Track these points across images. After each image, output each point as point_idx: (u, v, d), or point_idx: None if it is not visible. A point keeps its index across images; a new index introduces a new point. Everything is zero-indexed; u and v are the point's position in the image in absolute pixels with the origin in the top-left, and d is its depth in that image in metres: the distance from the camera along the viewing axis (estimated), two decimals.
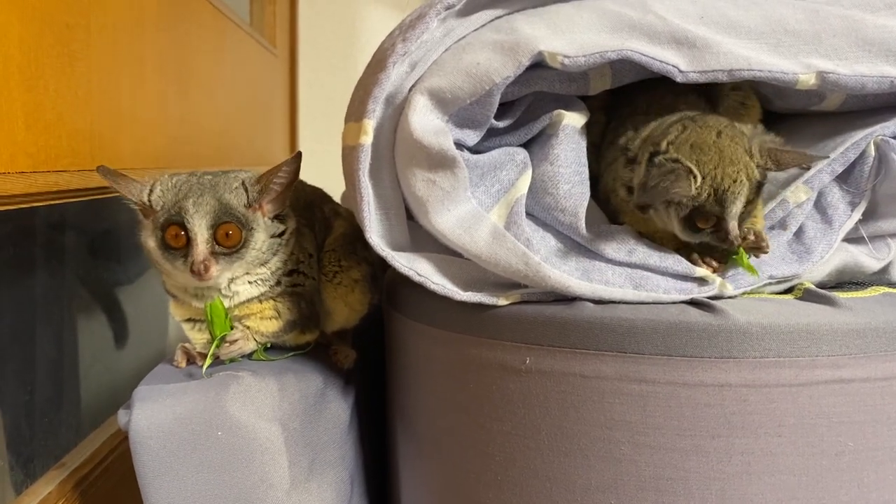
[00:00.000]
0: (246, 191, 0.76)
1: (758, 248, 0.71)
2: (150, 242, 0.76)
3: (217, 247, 0.74)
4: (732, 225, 0.69)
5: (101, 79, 0.89)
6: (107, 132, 0.91)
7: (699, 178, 0.69)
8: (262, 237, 0.77)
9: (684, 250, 0.74)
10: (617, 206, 0.79)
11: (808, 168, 0.73)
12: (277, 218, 0.80)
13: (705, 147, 0.70)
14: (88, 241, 1.18)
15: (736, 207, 0.69)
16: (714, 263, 0.73)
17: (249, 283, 0.80)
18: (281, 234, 0.80)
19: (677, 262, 0.71)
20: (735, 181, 0.69)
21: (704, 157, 0.70)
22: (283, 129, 2.14)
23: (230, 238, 0.75)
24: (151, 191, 0.76)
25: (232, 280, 0.79)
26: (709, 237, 0.71)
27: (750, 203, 0.70)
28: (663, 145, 0.72)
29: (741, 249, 0.72)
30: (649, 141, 0.74)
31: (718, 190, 0.69)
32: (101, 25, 0.89)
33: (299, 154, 0.77)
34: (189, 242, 0.73)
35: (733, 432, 0.65)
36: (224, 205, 0.74)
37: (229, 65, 1.55)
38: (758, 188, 0.71)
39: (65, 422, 1.07)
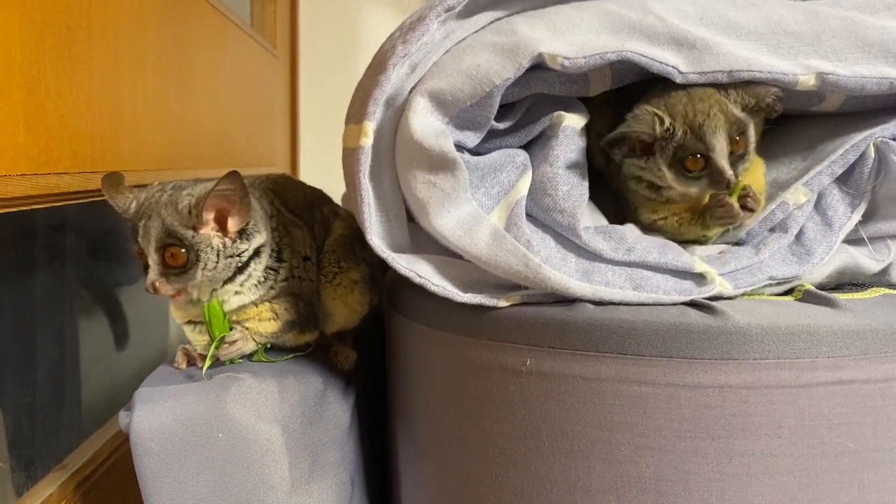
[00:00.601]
0: (190, 212, 0.75)
1: (745, 200, 0.74)
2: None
3: (166, 268, 0.75)
4: (722, 163, 0.71)
5: (102, 81, 0.89)
6: (108, 134, 0.91)
7: (666, 120, 0.72)
8: (212, 258, 0.76)
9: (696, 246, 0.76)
10: (632, 201, 0.81)
11: (776, 106, 0.74)
12: (243, 233, 0.78)
13: (675, 95, 0.73)
14: (89, 243, 1.18)
15: (719, 142, 0.72)
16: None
17: (236, 293, 0.80)
18: (241, 254, 0.78)
19: (677, 257, 0.71)
20: (708, 115, 0.71)
21: (672, 100, 0.73)
22: (283, 130, 2.14)
23: (175, 259, 0.75)
24: (130, 207, 0.77)
25: (213, 291, 0.79)
26: (706, 186, 0.73)
27: (736, 144, 0.72)
28: (636, 109, 0.75)
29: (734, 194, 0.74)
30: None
31: (693, 125, 0.72)
32: (102, 27, 0.89)
33: (234, 172, 0.74)
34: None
35: (733, 434, 0.65)
36: (166, 227, 0.74)
37: (230, 66, 1.55)
38: (741, 128, 0.72)
39: (66, 423, 1.07)
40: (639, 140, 0.74)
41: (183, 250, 0.75)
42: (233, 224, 0.77)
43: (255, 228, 0.79)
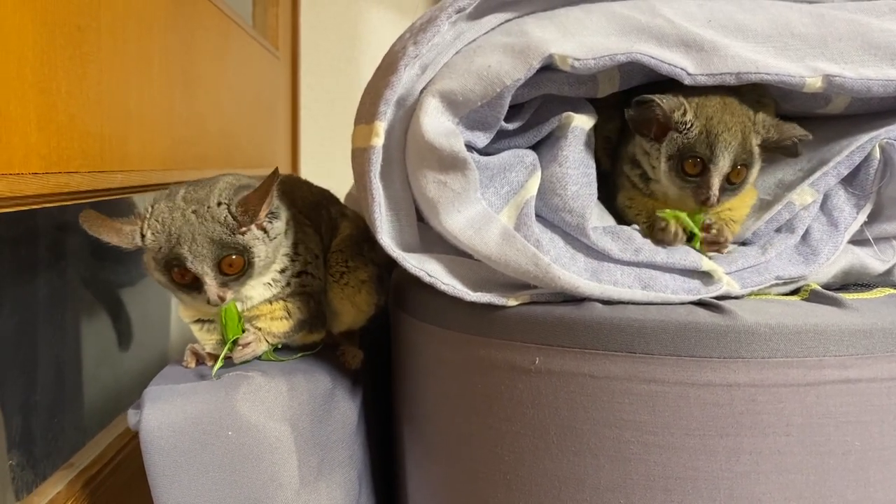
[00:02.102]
0: (235, 218, 0.75)
1: (715, 244, 0.75)
2: (158, 276, 0.77)
3: (224, 277, 0.76)
4: (714, 182, 0.73)
5: (110, 80, 0.90)
6: (116, 134, 0.91)
7: (689, 113, 0.73)
8: (262, 249, 0.77)
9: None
10: (618, 183, 0.82)
11: (796, 149, 0.76)
12: (272, 215, 0.79)
13: (712, 98, 0.74)
14: (92, 243, 1.18)
15: (724, 159, 0.73)
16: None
17: (263, 285, 0.80)
18: (279, 232, 0.79)
19: (684, 256, 0.72)
20: (729, 129, 0.73)
21: (707, 101, 0.74)
22: (284, 131, 2.14)
23: (233, 266, 0.76)
24: (143, 235, 0.75)
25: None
26: (689, 193, 0.75)
27: (735, 173, 0.74)
28: (671, 91, 0.75)
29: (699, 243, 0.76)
30: None
31: (711, 133, 0.73)
32: (110, 28, 0.90)
33: (276, 170, 0.75)
34: (196, 277, 0.75)
35: (741, 432, 0.66)
36: (218, 242, 0.74)
37: (233, 67, 1.55)
38: (748, 162, 0.74)
39: (69, 423, 1.07)
40: (657, 120, 0.75)
41: (240, 256, 0.75)
42: (263, 210, 0.77)
43: (279, 207, 0.80)
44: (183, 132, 1.19)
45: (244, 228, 0.75)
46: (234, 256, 0.75)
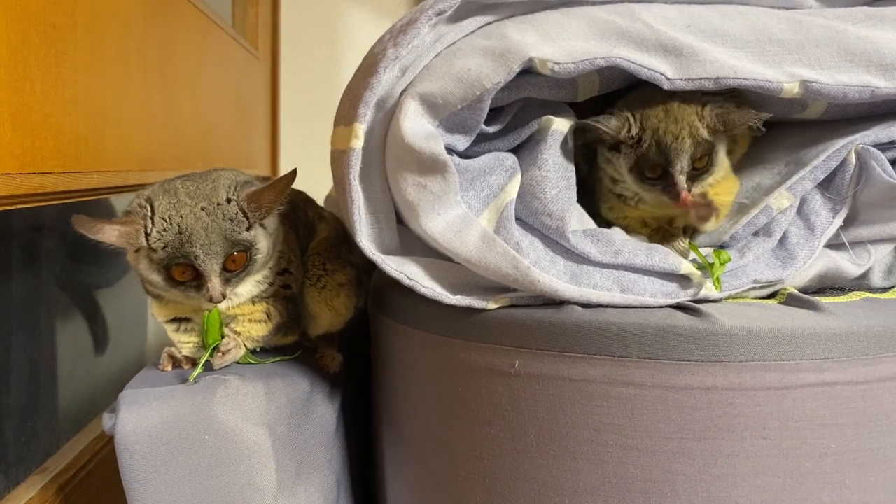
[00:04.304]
0: (246, 216, 0.75)
1: (706, 210, 0.75)
2: (153, 276, 0.75)
3: (226, 273, 0.75)
4: (679, 178, 0.74)
5: (86, 80, 0.89)
6: (92, 134, 0.90)
7: (634, 128, 0.74)
8: (264, 245, 0.77)
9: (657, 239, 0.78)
10: (598, 195, 0.83)
11: (758, 129, 0.76)
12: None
13: (653, 103, 0.75)
14: (67, 244, 1.17)
15: (681, 162, 0.74)
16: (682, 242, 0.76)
17: (255, 281, 0.80)
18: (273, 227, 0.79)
19: (664, 259, 0.72)
20: (677, 138, 0.73)
21: (650, 111, 0.75)
22: (264, 132, 2.13)
23: (237, 263, 0.75)
24: (148, 234, 0.73)
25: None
26: (659, 192, 0.75)
27: (700, 161, 0.75)
28: (617, 105, 0.76)
29: (694, 246, 0.76)
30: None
31: (661, 143, 0.74)
32: (87, 26, 0.88)
33: (294, 171, 0.75)
34: (198, 275, 0.73)
35: (719, 435, 0.66)
36: (231, 241, 0.74)
37: (212, 67, 1.54)
38: (707, 150, 0.75)
39: (43, 426, 1.06)
40: (609, 137, 0.76)
41: (243, 252, 0.75)
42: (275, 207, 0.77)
43: None
44: (161, 132, 1.18)
45: (251, 224, 0.75)
46: (238, 253, 0.74)
